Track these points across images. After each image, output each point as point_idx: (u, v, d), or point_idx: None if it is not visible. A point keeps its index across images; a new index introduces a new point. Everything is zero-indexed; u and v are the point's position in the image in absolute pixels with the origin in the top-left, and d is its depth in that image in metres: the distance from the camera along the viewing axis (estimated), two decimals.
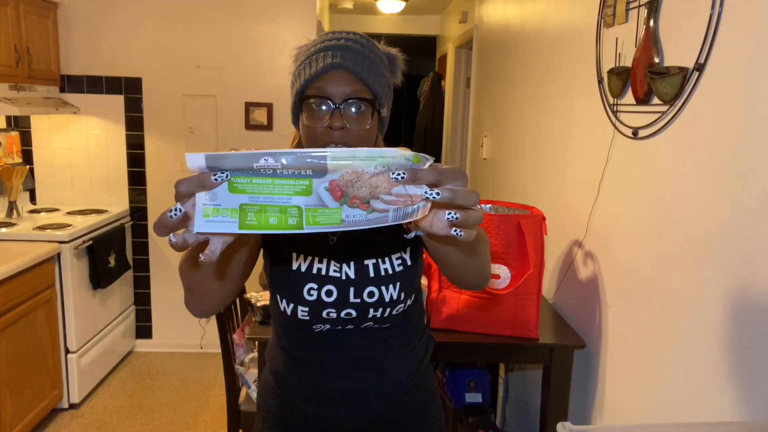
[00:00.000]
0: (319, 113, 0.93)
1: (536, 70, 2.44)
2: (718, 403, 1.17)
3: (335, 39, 0.96)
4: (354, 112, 0.93)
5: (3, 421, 2.38)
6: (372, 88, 0.94)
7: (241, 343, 2.21)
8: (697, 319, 1.24)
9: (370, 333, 1.07)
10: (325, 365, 1.08)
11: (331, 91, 0.92)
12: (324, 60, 0.93)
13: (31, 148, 3.46)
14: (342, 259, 1.03)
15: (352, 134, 0.93)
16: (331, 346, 1.07)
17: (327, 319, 1.03)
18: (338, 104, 0.92)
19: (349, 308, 1.02)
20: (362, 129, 0.93)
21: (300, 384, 1.10)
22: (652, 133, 1.43)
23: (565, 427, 0.85)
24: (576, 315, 1.90)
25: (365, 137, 0.95)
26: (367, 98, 0.93)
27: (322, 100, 0.93)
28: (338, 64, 0.92)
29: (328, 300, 1.02)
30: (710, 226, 1.20)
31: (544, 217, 1.71)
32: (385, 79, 0.98)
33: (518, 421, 2.47)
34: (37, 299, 2.62)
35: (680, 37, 1.33)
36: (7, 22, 2.75)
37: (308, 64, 0.95)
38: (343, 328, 1.05)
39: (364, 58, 0.95)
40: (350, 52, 0.94)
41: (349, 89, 0.92)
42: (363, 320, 1.05)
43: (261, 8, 3.44)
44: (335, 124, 0.91)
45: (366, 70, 0.94)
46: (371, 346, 1.08)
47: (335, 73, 0.93)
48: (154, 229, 0.59)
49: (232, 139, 3.55)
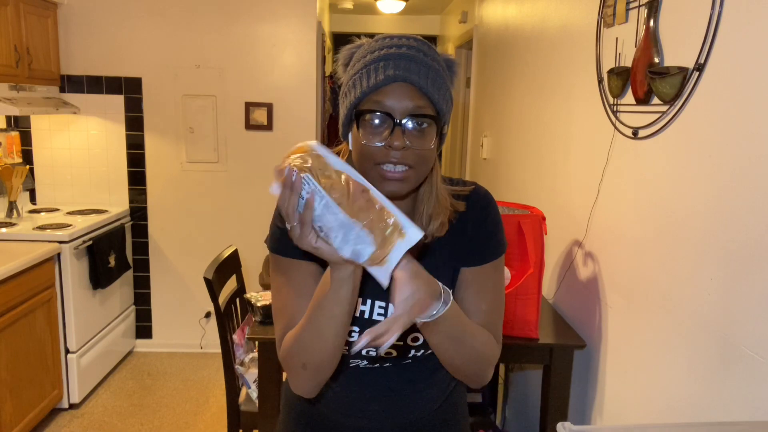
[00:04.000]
0: (377, 130, 0.84)
1: (536, 70, 2.44)
2: (718, 403, 1.17)
3: (395, 46, 0.86)
4: (416, 130, 0.84)
5: (3, 421, 2.38)
6: (436, 104, 0.86)
7: (241, 343, 2.21)
8: (696, 319, 1.24)
9: (406, 367, 1.02)
10: (353, 392, 1.04)
11: (392, 106, 0.84)
12: (385, 71, 0.84)
13: (31, 148, 3.46)
14: (389, 300, 0.92)
15: (412, 154, 0.84)
16: (364, 378, 1.02)
17: (365, 356, 0.98)
18: (399, 121, 0.84)
19: (391, 348, 0.97)
20: (424, 149, 0.85)
21: (325, 397, 1.06)
22: (652, 133, 1.43)
23: (565, 427, 0.85)
24: (576, 315, 1.90)
25: (427, 157, 0.86)
26: (431, 114, 0.85)
27: (381, 115, 0.84)
28: (401, 77, 0.84)
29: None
30: (710, 226, 1.20)
31: (544, 217, 1.71)
32: (448, 92, 0.89)
33: (518, 421, 2.47)
34: (37, 299, 2.62)
35: (680, 37, 1.33)
36: (7, 22, 2.75)
37: (366, 74, 0.86)
38: (381, 365, 1.01)
39: (428, 70, 0.85)
40: (413, 63, 0.85)
41: (412, 104, 0.84)
42: (403, 359, 0.99)
43: (261, 8, 3.44)
44: (395, 143, 0.83)
45: (431, 84, 0.85)
46: (404, 377, 1.03)
47: (397, 86, 0.84)
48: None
49: (232, 139, 3.55)
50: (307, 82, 3.55)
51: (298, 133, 3.58)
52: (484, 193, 1.01)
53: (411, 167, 0.85)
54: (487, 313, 0.96)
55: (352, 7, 5.16)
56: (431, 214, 0.92)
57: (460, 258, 0.96)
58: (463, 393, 1.18)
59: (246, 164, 3.58)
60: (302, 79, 3.54)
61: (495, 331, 0.97)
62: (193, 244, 3.63)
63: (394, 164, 0.84)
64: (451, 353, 0.89)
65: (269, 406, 1.83)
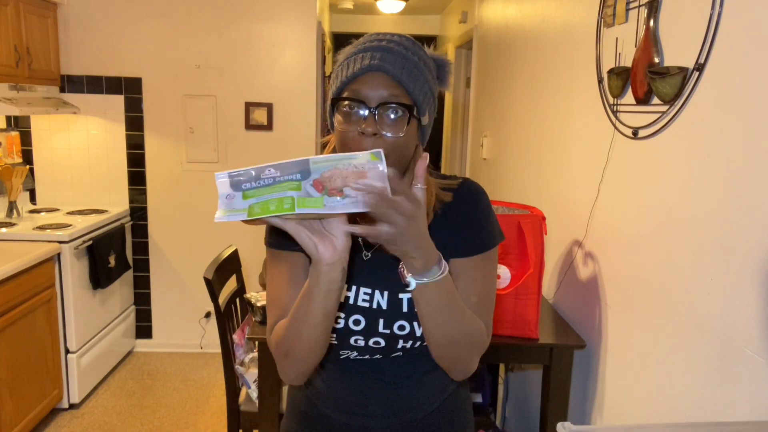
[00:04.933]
0: (353, 117, 0.87)
1: (536, 70, 2.44)
2: (718, 403, 1.17)
3: (377, 40, 0.91)
4: (390, 118, 0.87)
5: (3, 421, 2.38)
6: (411, 93, 0.88)
7: (241, 343, 2.21)
8: (696, 319, 1.24)
9: (396, 361, 1.03)
10: (347, 385, 1.05)
11: (367, 95, 0.87)
12: (362, 61, 0.88)
13: (31, 148, 3.46)
14: (375, 287, 0.97)
15: (385, 141, 0.86)
16: (355, 369, 1.03)
17: (354, 347, 0.99)
18: (373, 108, 0.86)
19: (378, 337, 0.98)
20: (397, 136, 0.87)
21: (322, 391, 1.07)
22: (652, 133, 1.43)
23: (565, 427, 0.85)
24: (576, 315, 1.90)
25: (401, 145, 0.88)
26: (405, 103, 0.87)
27: (356, 103, 0.87)
28: (376, 66, 0.87)
29: (356, 328, 0.97)
30: (710, 226, 1.20)
31: (544, 217, 1.71)
32: (427, 84, 0.91)
33: (518, 421, 2.47)
34: (37, 299, 2.62)
35: (680, 37, 1.33)
36: (7, 22, 2.75)
37: (346, 66, 0.90)
38: (371, 357, 1.01)
39: (405, 61, 0.88)
40: (390, 54, 0.88)
41: (386, 93, 0.86)
42: (392, 350, 1.00)
43: (261, 8, 3.44)
44: (368, 130, 0.85)
45: (406, 74, 0.88)
46: (395, 371, 1.03)
47: (372, 75, 0.87)
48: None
49: (232, 139, 3.55)
50: (307, 82, 3.55)
51: (298, 133, 3.58)
52: (475, 186, 1.02)
53: (385, 155, 0.87)
54: (476, 306, 0.96)
55: (352, 7, 5.16)
56: None
57: (449, 248, 0.96)
58: (466, 397, 1.17)
59: (246, 164, 3.50)
60: (302, 79, 3.54)
61: (486, 322, 0.98)
62: (193, 244, 3.63)
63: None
64: (440, 326, 0.89)
65: (269, 406, 1.83)
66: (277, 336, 0.93)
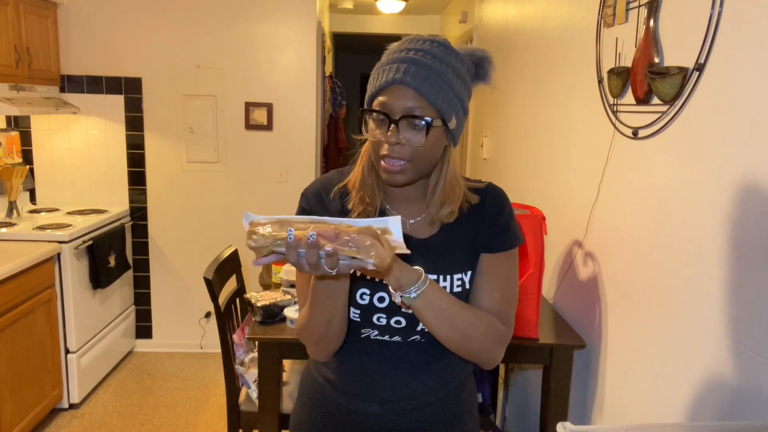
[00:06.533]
0: (380, 127, 0.98)
1: (536, 70, 2.44)
2: (718, 404, 1.17)
3: (406, 50, 0.98)
4: (411, 129, 0.96)
5: (3, 421, 2.38)
6: (434, 104, 0.96)
7: (241, 343, 2.21)
8: (696, 319, 1.24)
9: (413, 345, 1.08)
10: (361, 364, 1.10)
11: (390, 107, 0.96)
12: (388, 74, 0.97)
13: (31, 148, 3.46)
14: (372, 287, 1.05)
15: (408, 150, 0.96)
16: (372, 349, 1.08)
17: (376, 325, 1.05)
18: (395, 120, 0.95)
19: (400, 316, 1.03)
20: (418, 145, 0.96)
21: (334, 374, 1.12)
22: (652, 133, 1.43)
23: (565, 427, 0.85)
24: (576, 315, 1.90)
25: (423, 153, 0.98)
26: (427, 114, 0.95)
27: (381, 114, 0.97)
28: (399, 80, 0.95)
29: (380, 306, 1.03)
30: (710, 226, 1.20)
31: (544, 217, 1.71)
32: (453, 92, 0.98)
33: (518, 421, 2.47)
34: (37, 299, 2.62)
35: (680, 37, 1.33)
36: (7, 22, 2.75)
37: (377, 76, 0.99)
38: (390, 338, 1.07)
39: (428, 72, 0.95)
40: (415, 66, 0.95)
41: (409, 105, 0.95)
42: (412, 332, 1.05)
43: (261, 8, 3.44)
44: (391, 140, 0.96)
45: (428, 85, 0.95)
46: (410, 354, 1.08)
47: (396, 88, 0.96)
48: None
49: (232, 139, 3.55)
50: (307, 82, 3.55)
51: (298, 133, 3.58)
52: (500, 191, 1.13)
53: (408, 161, 0.97)
54: (499, 302, 1.05)
55: (352, 7, 5.16)
56: (443, 200, 1.05)
57: (479, 243, 1.07)
58: (472, 387, 1.22)
59: (246, 164, 3.59)
60: (302, 79, 3.54)
61: (506, 317, 1.06)
62: (193, 244, 3.63)
63: (392, 158, 0.97)
64: (445, 333, 1.00)
65: (269, 406, 1.83)
66: (302, 320, 1.06)
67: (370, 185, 1.05)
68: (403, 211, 1.07)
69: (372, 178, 1.06)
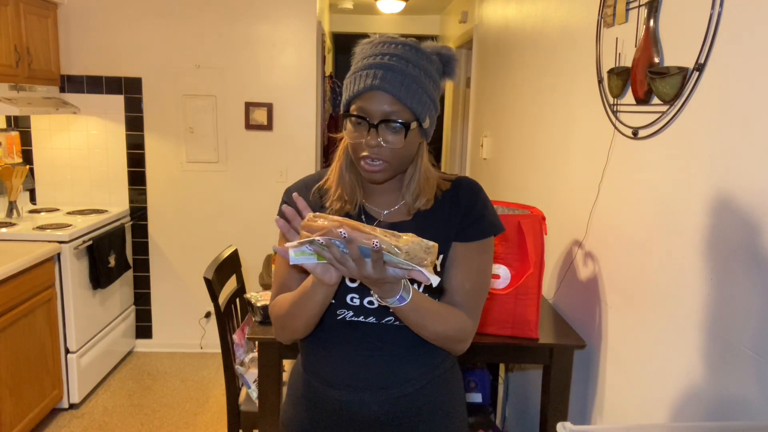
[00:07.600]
0: (359, 129, 1.04)
1: (536, 70, 2.44)
2: (718, 404, 1.17)
3: (380, 54, 1.03)
4: (390, 132, 1.02)
5: (3, 421, 2.38)
6: (410, 107, 1.02)
7: (241, 343, 2.21)
8: (697, 319, 1.24)
9: (388, 327, 1.11)
10: (343, 351, 1.13)
11: (369, 111, 1.02)
12: (365, 80, 1.02)
13: (31, 148, 3.46)
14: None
15: (386, 151, 1.03)
16: (351, 333, 1.12)
17: (351, 306, 1.09)
18: (375, 124, 1.01)
19: (371, 296, 1.06)
20: (396, 147, 1.03)
21: (320, 366, 1.15)
22: (652, 133, 1.43)
23: (565, 427, 0.85)
24: (576, 315, 1.90)
25: (400, 153, 1.04)
26: (404, 118, 1.02)
27: (360, 118, 1.03)
28: (377, 86, 1.00)
29: (352, 285, 1.08)
30: (710, 226, 1.20)
31: (544, 217, 1.71)
32: (426, 95, 1.03)
33: (518, 421, 2.47)
34: (37, 299, 2.62)
35: (680, 37, 1.33)
36: (7, 22, 2.75)
37: (353, 81, 1.04)
38: (365, 319, 1.10)
39: (404, 77, 1.01)
40: (391, 72, 1.01)
41: (387, 110, 1.01)
42: (384, 314, 1.09)
43: (261, 8, 3.44)
44: (371, 142, 1.02)
45: (405, 90, 1.01)
46: (387, 338, 1.11)
47: (374, 93, 1.01)
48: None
49: (232, 139, 3.55)
50: (307, 82, 3.55)
51: (298, 133, 3.58)
52: (472, 181, 1.17)
53: (386, 161, 1.04)
54: (469, 293, 1.10)
55: (352, 7, 5.17)
56: (418, 192, 1.11)
57: (451, 231, 1.11)
58: (457, 376, 1.24)
59: (246, 164, 3.59)
60: (302, 79, 3.54)
61: (473, 309, 1.11)
62: (193, 244, 3.63)
63: (372, 159, 1.03)
64: (419, 329, 1.06)
65: (269, 406, 1.83)
66: (279, 310, 1.11)
67: (349, 182, 1.12)
68: (379, 202, 1.14)
69: (351, 176, 1.12)
